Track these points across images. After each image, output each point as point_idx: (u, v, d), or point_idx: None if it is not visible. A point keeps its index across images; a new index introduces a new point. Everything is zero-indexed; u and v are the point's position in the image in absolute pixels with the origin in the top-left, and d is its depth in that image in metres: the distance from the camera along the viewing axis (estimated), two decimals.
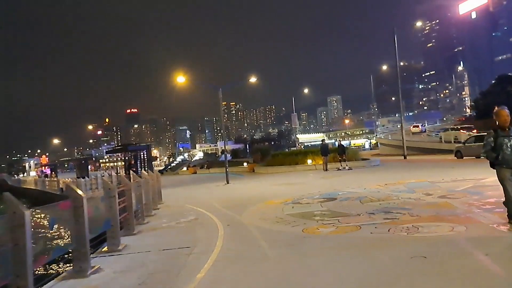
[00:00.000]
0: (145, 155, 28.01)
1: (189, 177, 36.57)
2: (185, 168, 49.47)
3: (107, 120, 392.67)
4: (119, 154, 30.77)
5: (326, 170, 23.01)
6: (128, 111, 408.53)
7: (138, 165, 28.12)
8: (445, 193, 10.19)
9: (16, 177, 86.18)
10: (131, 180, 10.10)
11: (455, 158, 26.31)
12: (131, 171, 18.77)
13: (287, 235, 6.81)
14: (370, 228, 6.71)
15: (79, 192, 5.38)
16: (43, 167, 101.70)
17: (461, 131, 40.77)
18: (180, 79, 20.65)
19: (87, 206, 5.71)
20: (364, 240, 5.94)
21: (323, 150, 23.72)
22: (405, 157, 31.87)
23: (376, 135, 67.23)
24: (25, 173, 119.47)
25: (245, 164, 38.26)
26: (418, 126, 60.22)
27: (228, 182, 20.78)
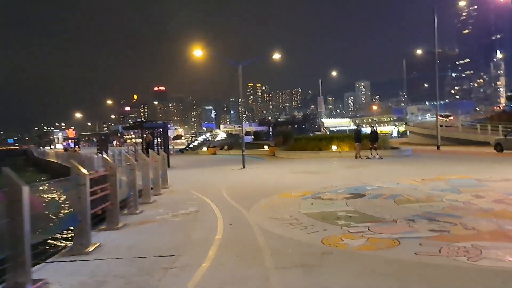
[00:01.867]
0: (161, 133, 26.75)
1: (207, 158, 35.26)
2: (205, 149, 48.20)
3: (135, 96, 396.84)
4: (136, 131, 29.81)
5: (358, 157, 21.22)
6: (156, 88, 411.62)
7: (154, 143, 26.91)
8: (500, 196, 8.34)
9: (42, 149, 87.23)
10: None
11: (495, 151, 24.02)
12: (149, 150, 17.65)
13: (301, 247, 5.21)
14: (412, 244, 5.03)
15: (17, 180, 3.90)
16: (69, 141, 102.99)
17: None
18: (198, 52, 19.09)
19: (37, 199, 4.30)
20: (408, 267, 4.27)
21: (356, 136, 21.93)
22: (438, 148, 29.60)
23: (406, 123, 64.24)
24: (52, 146, 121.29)
25: (266, 147, 36.60)
26: (448, 117, 56.82)
27: (244, 167, 19.25)
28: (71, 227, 5.63)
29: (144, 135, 27.61)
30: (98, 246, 5.58)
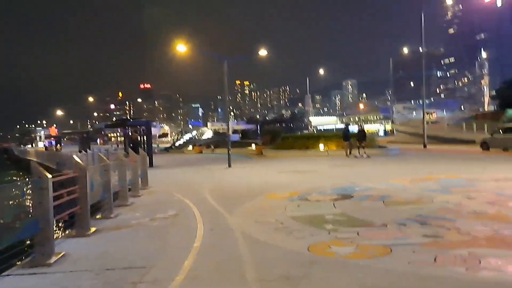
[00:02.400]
0: (144, 131, 26.09)
1: (193, 157, 34.65)
2: (191, 147, 47.63)
3: (120, 94, 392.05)
4: (118, 129, 29.05)
5: (348, 155, 20.95)
6: (142, 86, 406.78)
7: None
8: (492, 197, 8.05)
9: (22, 148, 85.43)
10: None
11: (481, 149, 23.99)
12: (130, 149, 17.06)
13: (286, 255, 4.78)
14: (406, 252, 4.65)
15: None
16: (51, 139, 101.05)
17: None
18: (181, 47, 18.52)
19: None
20: (403, 279, 3.87)
21: (345, 134, 21.63)
22: (425, 146, 29.53)
23: (393, 122, 64.53)
24: (34, 144, 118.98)
25: (253, 146, 36.21)
26: (431, 114, 57.06)
27: (230, 166, 18.78)
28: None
29: (130, 134, 26.95)
30: (63, 256, 5.08)
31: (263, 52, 20.17)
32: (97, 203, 7.86)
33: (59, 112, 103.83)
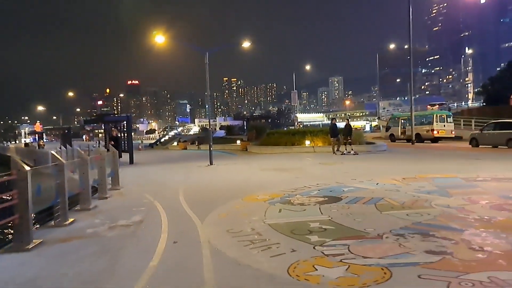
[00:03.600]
0: (125, 127, 24.92)
1: (176, 154, 33.52)
2: (175, 143, 46.39)
3: (107, 90, 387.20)
4: (96, 125, 27.74)
5: (335, 152, 20.09)
6: (129, 82, 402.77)
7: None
8: (497, 200, 7.21)
9: (4, 144, 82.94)
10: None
11: (470, 146, 23.40)
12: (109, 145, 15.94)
13: (260, 280, 3.82)
14: (409, 276, 3.72)
15: None
16: (36, 135, 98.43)
17: None
18: (160, 38, 17.38)
19: None
20: None
21: (332, 131, 20.68)
22: (413, 143, 28.86)
23: (379, 117, 64.07)
24: (17, 141, 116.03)
25: (238, 142, 35.19)
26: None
27: (211, 163, 17.75)
28: None
29: (110, 129, 25.70)
30: None
31: (246, 45, 19.14)
32: (50, 208, 6.85)
33: (41, 108, 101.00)
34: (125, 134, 24.91)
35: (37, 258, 4.97)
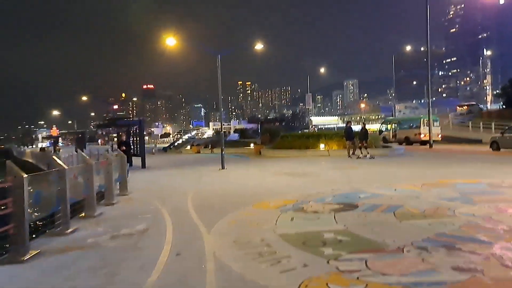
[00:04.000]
0: (137, 131, 24.79)
1: (189, 157, 33.26)
2: (189, 147, 46.26)
3: (123, 95, 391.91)
4: (110, 129, 27.61)
5: (350, 156, 19.57)
6: (145, 86, 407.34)
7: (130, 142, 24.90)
8: None
9: (21, 149, 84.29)
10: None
11: (490, 149, 22.59)
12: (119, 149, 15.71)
13: None
14: None
15: None
16: (52, 139, 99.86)
17: None
18: (171, 41, 17.16)
19: None
20: None
21: (348, 134, 20.15)
22: (431, 146, 28.09)
23: None
24: (34, 145, 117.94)
25: (252, 145, 34.84)
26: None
27: (223, 167, 17.41)
28: None
29: (120, 133, 25.63)
30: None
31: (258, 47, 18.76)
32: (52, 215, 6.58)
33: (56, 112, 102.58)
34: (137, 138, 24.76)
35: (30, 270, 4.67)
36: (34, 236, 6.39)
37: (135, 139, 25.23)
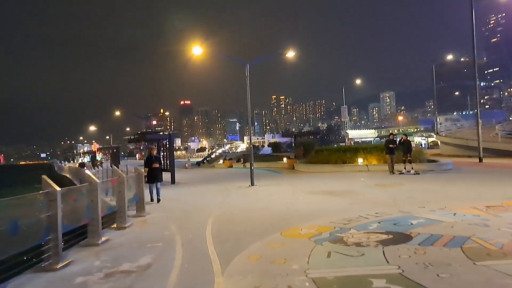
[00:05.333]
0: (167, 145, 24.05)
1: (220, 172, 32.25)
2: (221, 161, 45.41)
3: (161, 110, 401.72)
4: (141, 143, 27.07)
5: (392, 172, 17.79)
6: (182, 102, 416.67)
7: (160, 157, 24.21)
8: None
9: (61, 164, 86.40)
10: None
11: None
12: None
13: None
14: None
15: None
16: (91, 155, 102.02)
17: None
18: (197, 50, 16.22)
19: None
20: None
21: (389, 147, 18.23)
22: (481, 160, 25.74)
23: (437, 133, 59.91)
24: (75, 160, 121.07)
25: (285, 159, 33.42)
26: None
27: (252, 184, 16.17)
28: None
29: (151, 148, 24.98)
30: None
31: (290, 54, 17.55)
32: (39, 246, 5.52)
33: (93, 128, 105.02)
34: (167, 153, 23.99)
35: None
36: (20, 270, 5.35)
37: (165, 153, 24.49)
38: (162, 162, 24.26)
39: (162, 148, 24.67)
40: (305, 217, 8.33)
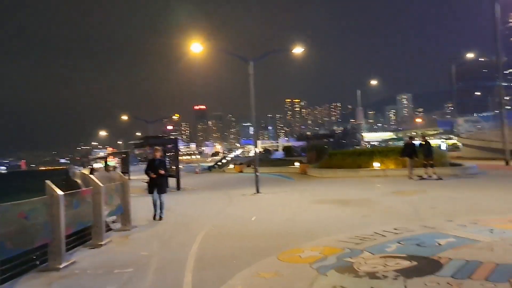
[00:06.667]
0: (173, 150, 22.99)
1: (229, 177, 31.06)
2: (232, 166, 44.27)
3: (176, 115, 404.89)
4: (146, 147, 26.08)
5: (412, 177, 16.37)
6: (196, 107, 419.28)
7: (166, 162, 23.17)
8: None
9: (75, 169, 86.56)
10: None
11: None
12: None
13: None
14: None
15: None
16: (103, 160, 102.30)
17: None
18: (196, 47, 15.05)
19: None
20: None
21: (410, 149, 16.89)
22: (507, 163, 24.00)
23: (458, 135, 57.77)
24: (89, 165, 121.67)
25: (296, 164, 32.04)
26: None
27: (258, 191, 14.90)
28: None
29: (155, 149, 23.96)
30: None
31: (298, 50, 16.19)
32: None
33: (103, 133, 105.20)
34: (173, 158, 22.90)
35: None
36: None
37: (170, 158, 23.40)
38: (168, 167, 23.32)
39: (167, 153, 23.60)
40: (309, 233, 7.05)
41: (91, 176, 8.88)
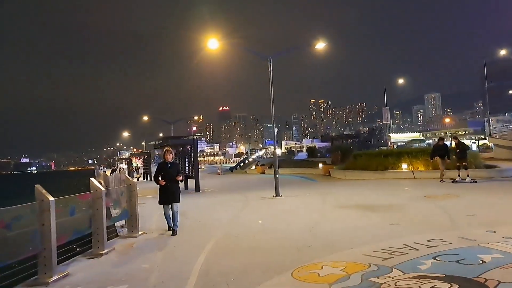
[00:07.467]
0: (192, 151, 22.47)
1: (250, 179, 30.35)
2: (254, 167, 43.57)
3: (201, 116, 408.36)
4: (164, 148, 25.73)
5: (443, 179, 15.37)
6: (220, 108, 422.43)
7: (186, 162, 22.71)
8: None
9: (99, 170, 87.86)
10: None
11: None
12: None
13: None
14: None
15: None
16: (126, 161, 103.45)
17: None
18: (213, 44, 14.41)
19: None
20: None
21: (443, 151, 15.91)
22: None
23: (490, 135, 55.31)
24: (115, 166, 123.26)
25: (320, 165, 31.05)
26: None
27: (277, 195, 14.12)
28: None
29: (166, 150, 23.50)
30: None
31: (320, 46, 15.31)
32: None
33: (126, 134, 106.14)
34: (192, 159, 22.37)
35: None
36: None
37: (189, 159, 22.90)
38: (186, 168, 22.80)
39: (186, 154, 23.11)
40: (330, 245, 6.27)
41: (107, 177, 8.39)
